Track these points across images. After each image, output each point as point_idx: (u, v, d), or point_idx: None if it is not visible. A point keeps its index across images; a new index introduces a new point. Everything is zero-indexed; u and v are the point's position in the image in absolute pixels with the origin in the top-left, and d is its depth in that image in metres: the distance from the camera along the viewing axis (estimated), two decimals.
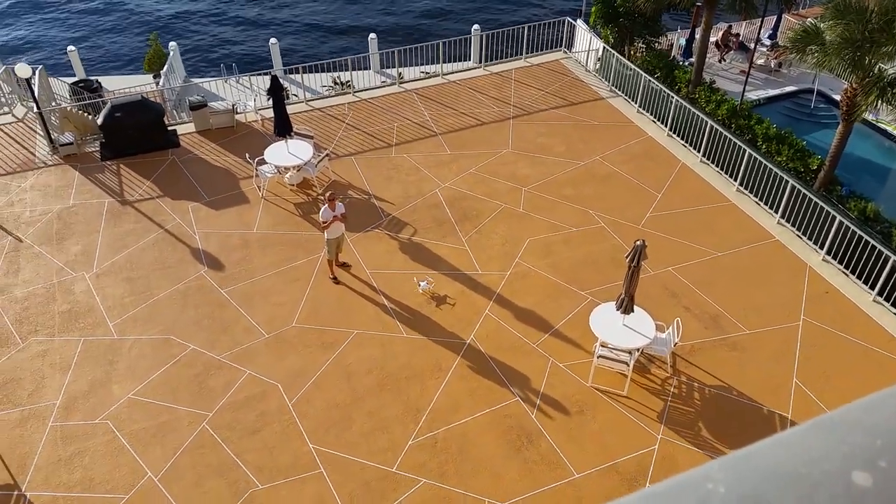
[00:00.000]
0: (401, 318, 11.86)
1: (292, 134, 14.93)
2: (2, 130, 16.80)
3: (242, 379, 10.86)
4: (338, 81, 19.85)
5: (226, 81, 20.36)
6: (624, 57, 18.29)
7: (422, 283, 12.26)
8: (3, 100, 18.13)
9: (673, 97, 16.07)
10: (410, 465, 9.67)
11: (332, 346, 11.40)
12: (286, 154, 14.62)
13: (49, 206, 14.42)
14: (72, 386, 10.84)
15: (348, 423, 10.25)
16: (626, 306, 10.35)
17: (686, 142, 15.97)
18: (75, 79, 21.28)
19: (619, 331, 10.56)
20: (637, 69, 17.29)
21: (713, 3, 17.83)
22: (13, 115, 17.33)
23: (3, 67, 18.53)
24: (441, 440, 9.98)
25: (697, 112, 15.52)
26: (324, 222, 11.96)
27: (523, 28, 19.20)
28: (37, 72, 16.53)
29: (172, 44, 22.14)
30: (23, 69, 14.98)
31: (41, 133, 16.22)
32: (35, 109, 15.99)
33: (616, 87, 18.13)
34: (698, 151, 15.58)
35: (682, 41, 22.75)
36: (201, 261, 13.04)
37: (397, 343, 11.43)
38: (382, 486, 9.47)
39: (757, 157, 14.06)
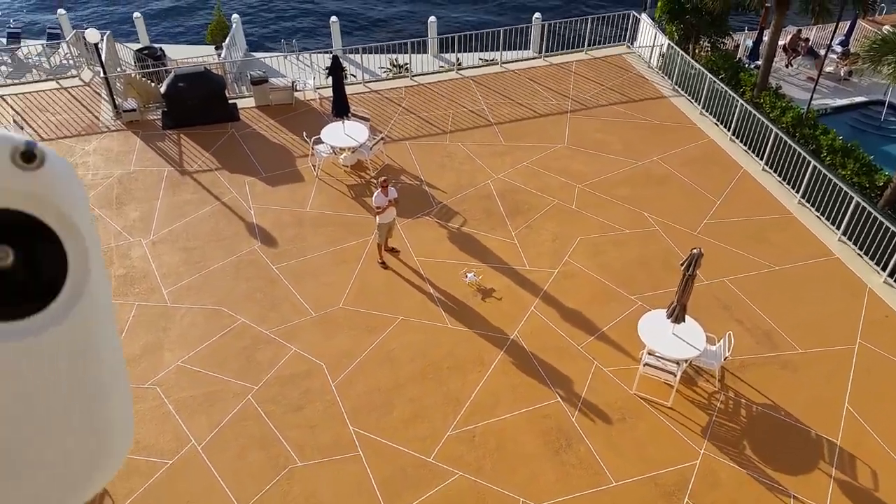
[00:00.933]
0: (446, 307, 11.88)
1: (350, 115, 14.99)
2: (69, 93, 17.20)
3: (289, 355, 11.02)
4: (395, 64, 19.83)
5: (286, 58, 20.49)
6: (688, 55, 17.88)
7: (469, 275, 12.25)
8: (71, 63, 18.57)
9: (737, 100, 15.67)
10: (447, 457, 9.72)
11: (376, 330, 11.48)
12: (342, 135, 14.69)
13: (110, 170, 14.75)
14: (124, 349, 11.10)
15: (389, 409, 10.34)
16: (678, 315, 10.19)
17: (749, 148, 15.58)
18: (140, 46, 21.64)
19: (669, 340, 10.41)
20: (701, 68, 16.89)
21: (784, 5, 17.30)
22: (80, 79, 17.72)
23: (74, 32, 18.94)
24: (479, 434, 10.01)
25: (761, 118, 15.12)
26: (377, 207, 11.99)
27: (586, 20, 18.89)
28: (105, 37, 16.84)
29: (235, 16, 22.34)
30: (92, 34, 15.27)
31: (106, 98, 16.56)
32: (101, 74, 16.32)
33: (679, 86, 17.76)
34: (761, 159, 15.19)
35: (749, 43, 22.17)
36: (255, 235, 13.22)
37: (441, 333, 11.46)
38: (419, 474, 9.55)
39: (821, 169, 13.65)
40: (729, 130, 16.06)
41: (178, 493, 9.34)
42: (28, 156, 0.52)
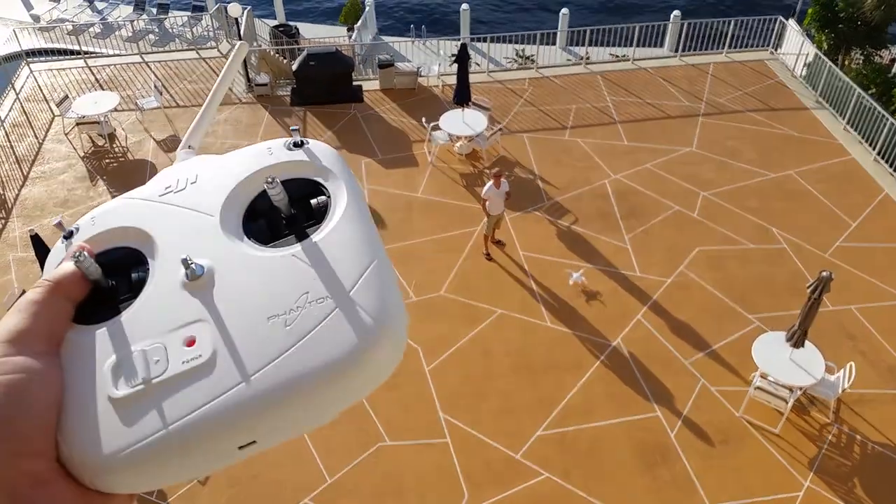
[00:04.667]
0: (547, 305, 11.63)
1: (470, 104, 14.94)
2: (206, 63, 18.11)
3: None
4: (521, 55, 19.61)
5: (413, 43, 20.72)
6: (837, 66, 16.64)
7: (574, 275, 11.92)
8: (211, 35, 19.55)
9: (888, 118, 14.43)
10: (535, 456, 9.52)
11: (475, 320, 11.40)
12: (461, 123, 14.66)
13: (238, 140, 15.41)
14: None
15: (480, 400, 10.24)
16: (798, 340, 9.50)
17: (895, 170, 14.33)
18: (276, 23, 22.51)
19: (785, 364, 9.72)
20: (850, 81, 15.66)
21: None
22: (218, 51, 18.62)
23: (217, 5, 19.92)
24: (570, 438, 9.74)
25: None
26: (485, 198, 11.87)
27: (729, 21, 17.95)
28: (245, 12, 17.59)
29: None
30: (235, 8, 15.99)
31: (240, 71, 17.30)
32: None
33: (823, 99, 16.57)
34: None
35: None
36: None
37: (540, 331, 11.23)
38: (503, 469, 9.41)
39: None
40: (874, 150, 14.83)
41: (267, 456, 9.64)
42: (297, 144, 0.74)
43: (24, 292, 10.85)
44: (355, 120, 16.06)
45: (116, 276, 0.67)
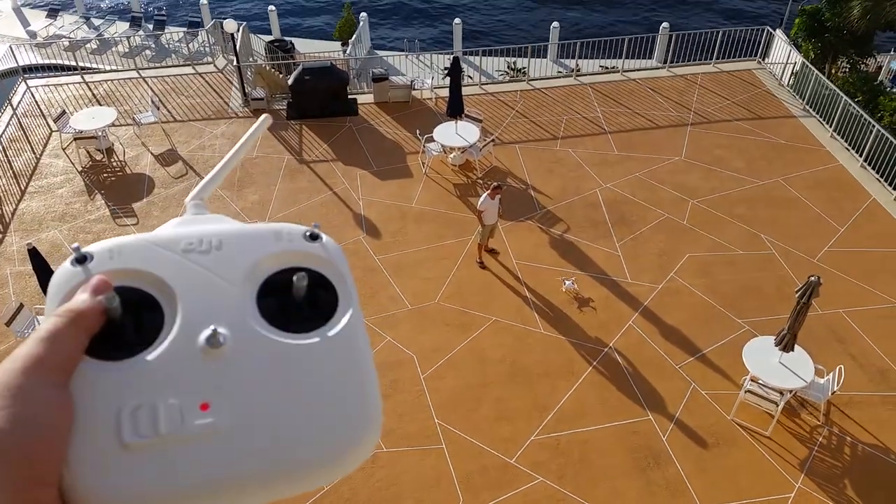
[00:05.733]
0: (541, 312, 11.79)
1: (463, 116, 15.16)
2: (203, 78, 18.32)
3: (382, 344, 11.27)
4: (512, 67, 19.88)
5: (406, 57, 20.97)
6: (824, 75, 16.92)
7: (567, 282, 12.10)
8: (207, 50, 19.78)
9: (874, 125, 14.68)
10: (529, 461, 9.65)
11: (469, 328, 11.55)
12: (454, 134, 14.87)
13: None
14: None
15: (475, 406, 10.38)
16: (787, 343, 9.67)
17: (881, 176, 14.56)
18: (271, 38, 22.76)
19: (774, 368, 9.89)
20: (836, 89, 15.93)
21: None
22: (214, 66, 18.84)
23: (213, 21, 20.16)
24: (564, 443, 9.87)
25: None
26: (480, 210, 12.04)
27: (717, 32, 18.25)
28: (241, 27, 17.83)
29: (363, 15, 23.08)
30: (230, 24, 16.21)
31: (237, 86, 17.52)
32: (234, 63, 17.29)
33: (810, 107, 16.84)
34: (894, 189, 14.16)
35: (894, 65, 20.73)
36: (361, 226, 13.62)
37: (534, 337, 11.38)
38: (499, 474, 9.53)
39: None
40: (861, 156, 15.08)
41: None
42: (313, 236, 0.76)
43: (21, 306, 10.94)
44: (350, 132, 16.26)
45: (126, 315, 0.68)
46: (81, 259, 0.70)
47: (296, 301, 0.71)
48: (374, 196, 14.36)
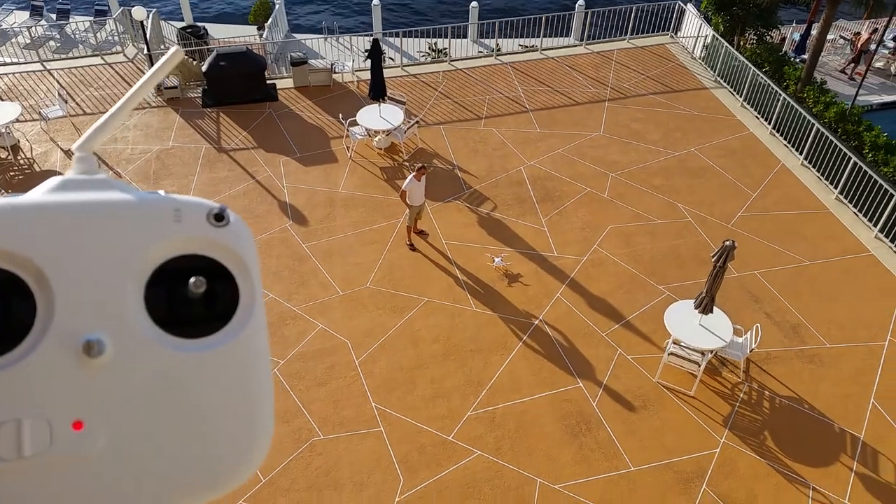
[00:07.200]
0: (472, 291, 11.94)
1: (386, 98, 15.09)
2: (112, 69, 17.63)
3: (315, 332, 11.20)
4: (433, 49, 19.85)
5: (326, 40, 20.67)
6: (733, 47, 17.55)
7: (496, 259, 12.28)
8: (116, 39, 19.01)
9: (780, 94, 15.36)
10: (467, 436, 9.80)
11: (402, 310, 11.59)
12: (377, 118, 14.79)
13: (149, 145, 15.10)
14: None
15: (411, 387, 10.46)
16: (706, 306, 10.09)
17: (789, 142, 15.28)
18: (183, 24, 22.02)
19: (695, 330, 10.32)
20: (745, 60, 16.57)
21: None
22: (124, 56, 18.14)
23: (121, 9, 19.37)
24: (499, 416, 10.07)
25: (804, 112, 14.79)
26: (405, 190, 12.02)
27: (630, 9, 18.66)
28: (150, 15, 17.19)
29: None
30: (139, 12, 15.61)
31: None
32: (145, 51, 16.69)
33: (721, 78, 17.47)
34: (800, 154, 14.89)
35: (797, 36, 21.67)
36: (287, 214, 13.43)
37: (466, 315, 11.52)
38: (438, 451, 9.65)
39: (862, 165, 13.33)
40: (770, 124, 15.76)
41: None
42: (219, 217, 0.65)
43: None
44: (271, 119, 15.97)
45: None
46: None
47: (190, 299, 0.62)
48: (299, 183, 14.17)
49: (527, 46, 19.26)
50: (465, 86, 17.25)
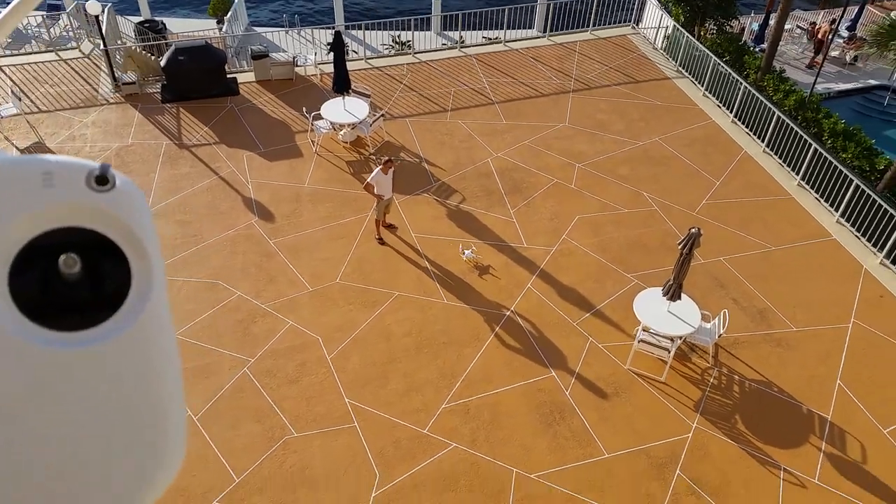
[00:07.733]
0: (443, 283, 11.90)
1: (350, 91, 14.93)
2: (68, 65, 17.16)
3: (285, 329, 11.06)
4: (397, 41, 19.73)
5: (287, 33, 20.40)
6: (694, 37, 17.77)
7: (466, 252, 12.25)
8: (71, 35, 18.50)
9: (741, 83, 15.60)
10: (442, 429, 9.77)
11: (373, 305, 11.50)
12: (342, 111, 14.64)
13: (108, 143, 14.73)
14: None
15: (384, 382, 10.38)
16: (674, 293, 10.20)
17: (750, 130, 15.53)
18: (141, 18, 21.53)
19: (664, 317, 10.43)
20: (706, 50, 16.79)
21: None
22: (80, 51, 17.67)
23: (74, 4, 18.85)
24: (474, 407, 10.05)
25: (764, 100, 15.05)
26: (371, 183, 11.87)
27: (592, 0, 18.76)
28: (106, 9, 16.76)
29: None
30: (93, 6, 15.19)
31: (105, 71, 16.50)
32: (101, 47, 16.26)
33: (683, 68, 17.67)
34: (762, 141, 15.14)
35: (755, 26, 22.02)
36: (252, 210, 13.22)
37: (437, 308, 11.48)
38: (413, 445, 9.60)
39: (822, 151, 13.61)
40: (731, 113, 16.00)
41: None
42: (102, 179, 0.54)
43: None
44: (233, 113, 15.70)
45: None
46: None
47: (67, 283, 0.51)
48: (263, 178, 13.96)
49: (490, 38, 19.25)
50: (429, 78, 17.16)
